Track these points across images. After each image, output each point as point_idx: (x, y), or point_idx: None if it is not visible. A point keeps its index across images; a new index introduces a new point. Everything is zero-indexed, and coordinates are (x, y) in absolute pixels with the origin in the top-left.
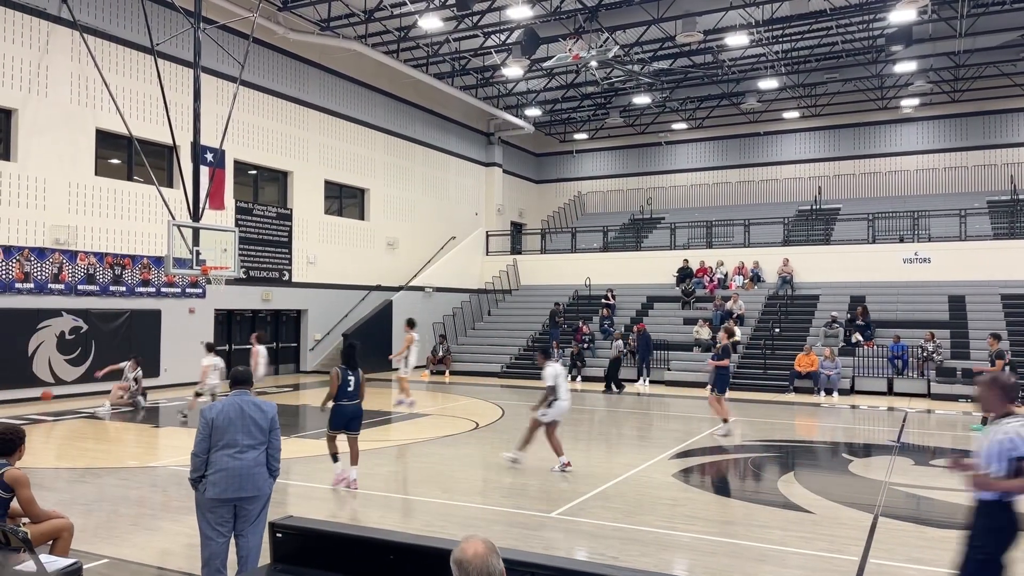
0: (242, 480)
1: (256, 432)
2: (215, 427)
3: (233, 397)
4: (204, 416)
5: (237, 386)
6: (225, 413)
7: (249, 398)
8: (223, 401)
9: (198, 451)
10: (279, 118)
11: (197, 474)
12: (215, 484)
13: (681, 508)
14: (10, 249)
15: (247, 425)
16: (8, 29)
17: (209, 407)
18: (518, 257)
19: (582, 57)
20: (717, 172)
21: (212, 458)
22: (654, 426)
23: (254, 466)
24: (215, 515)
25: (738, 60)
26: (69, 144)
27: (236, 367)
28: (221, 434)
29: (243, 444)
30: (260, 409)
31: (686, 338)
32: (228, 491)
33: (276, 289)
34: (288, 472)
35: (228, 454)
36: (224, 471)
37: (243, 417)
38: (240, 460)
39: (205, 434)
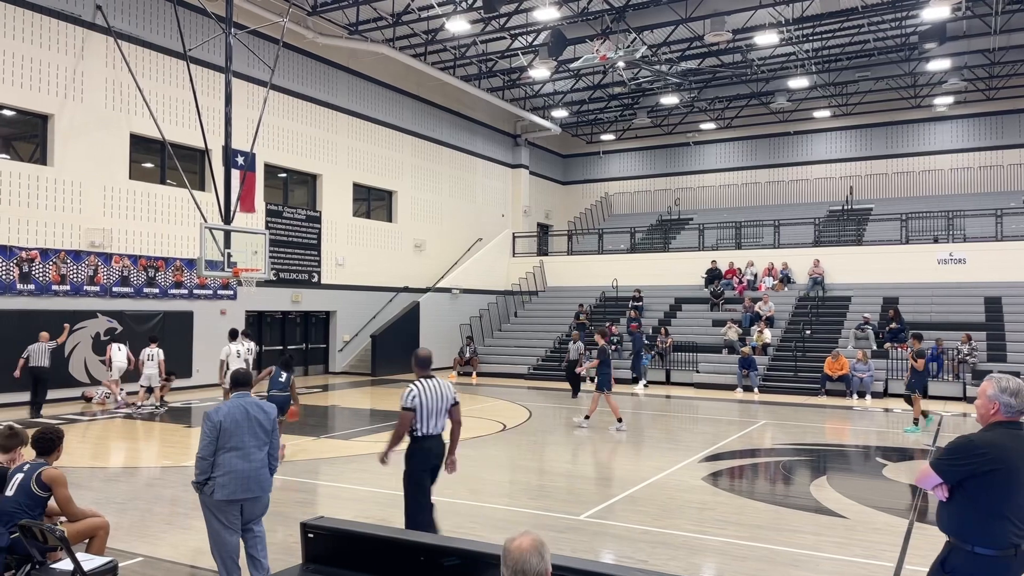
0: (250, 481)
1: (261, 433)
2: (223, 430)
3: (236, 399)
4: (210, 419)
5: (237, 388)
6: (231, 416)
7: (251, 400)
8: (228, 404)
9: (205, 454)
10: (308, 121)
11: (203, 476)
12: (224, 486)
13: (711, 512)
14: (47, 252)
15: (253, 427)
16: (45, 36)
17: (215, 410)
18: (545, 258)
19: (609, 58)
20: (746, 172)
21: (219, 460)
22: (683, 429)
23: (260, 467)
24: (225, 515)
25: (767, 59)
26: (104, 148)
27: (236, 369)
28: (228, 437)
29: (250, 446)
30: (263, 411)
31: (715, 340)
32: (237, 492)
33: (305, 291)
34: (317, 473)
35: (236, 456)
36: (233, 473)
37: (248, 419)
38: (249, 462)
39: (212, 437)
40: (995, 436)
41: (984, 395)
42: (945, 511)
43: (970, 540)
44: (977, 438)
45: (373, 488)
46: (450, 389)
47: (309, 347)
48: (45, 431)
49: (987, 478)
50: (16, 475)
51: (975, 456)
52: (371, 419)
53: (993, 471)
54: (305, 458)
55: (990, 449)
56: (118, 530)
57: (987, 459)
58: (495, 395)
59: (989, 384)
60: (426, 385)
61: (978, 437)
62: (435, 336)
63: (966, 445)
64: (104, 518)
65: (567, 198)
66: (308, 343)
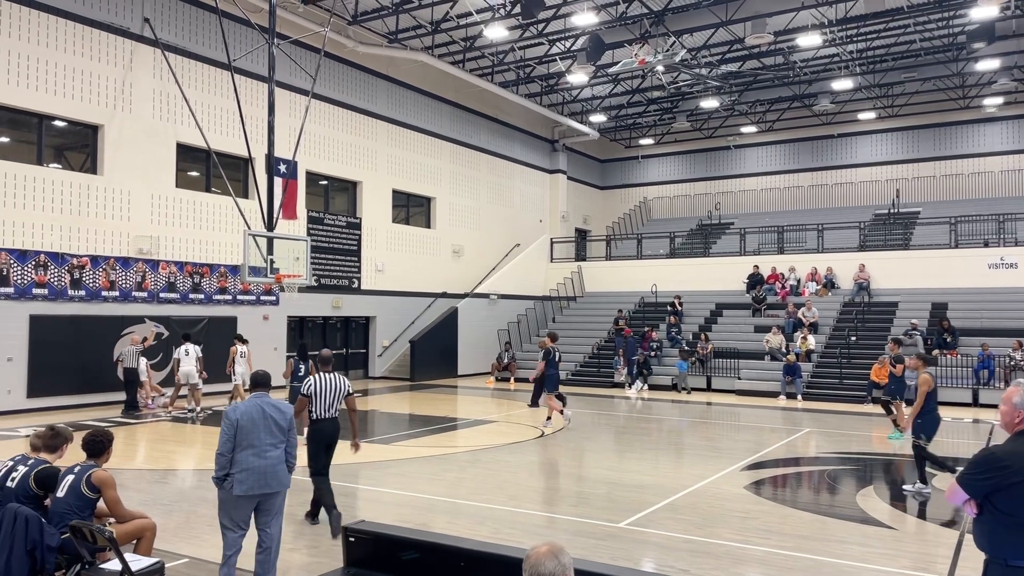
0: (267, 477)
1: (277, 431)
2: (239, 428)
3: (253, 399)
4: (228, 418)
5: (256, 388)
6: (248, 415)
7: (268, 400)
8: (245, 403)
9: (223, 451)
10: (349, 129)
11: (223, 472)
12: (242, 482)
13: (754, 521)
14: (97, 259)
15: (269, 426)
16: (95, 48)
17: (232, 409)
18: (583, 264)
19: (648, 62)
20: (788, 176)
21: (237, 457)
22: (724, 436)
23: (276, 464)
24: (239, 511)
25: (810, 61)
26: (151, 158)
27: (256, 370)
28: (245, 435)
29: (266, 444)
30: (279, 410)
31: (757, 346)
32: (254, 488)
33: (346, 296)
34: (357, 476)
35: (252, 453)
36: (249, 470)
37: (264, 418)
38: (265, 459)
39: (230, 435)
40: (1018, 446)
41: (1009, 402)
42: (977, 526)
43: (1002, 553)
44: (999, 450)
45: (413, 493)
46: (345, 383)
47: (349, 352)
48: (95, 434)
49: (1013, 490)
50: (67, 477)
51: (998, 469)
52: (410, 424)
53: (1019, 483)
54: (345, 462)
55: (1014, 460)
56: (164, 531)
57: (1011, 471)
58: None
59: (1015, 391)
60: (323, 378)
61: (1000, 449)
62: (473, 341)
63: (989, 458)
64: (151, 519)
65: (605, 203)
66: (348, 348)
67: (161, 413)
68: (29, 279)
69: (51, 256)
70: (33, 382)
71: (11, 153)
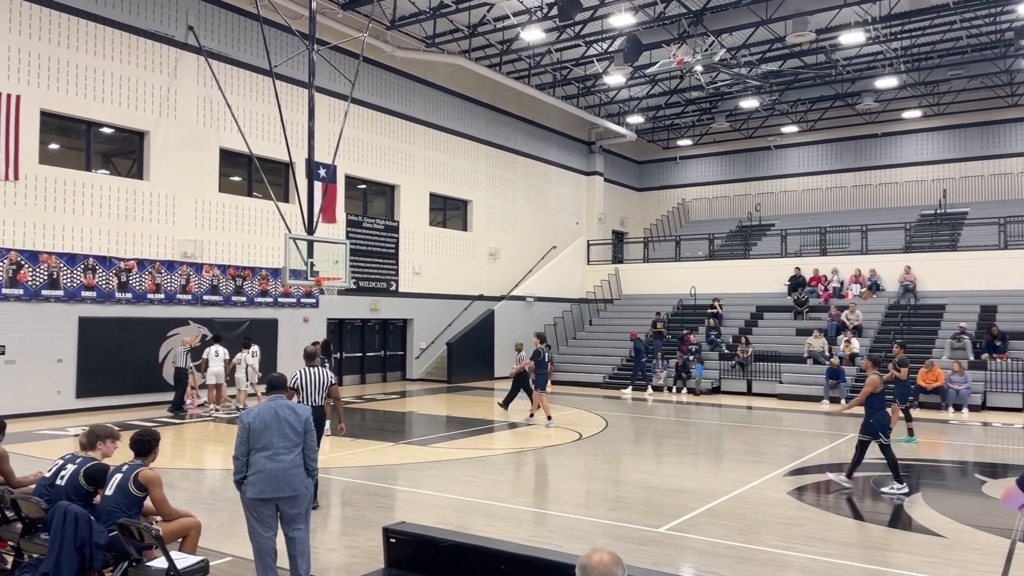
0: (279, 481)
1: (291, 434)
2: (251, 431)
3: (268, 402)
4: (242, 421)
5: (272, 391)
6: (261, 417)
7: (283, 402)
8: (260, 406)
9: (237, 454)
10: (387, 133)
11: (239, 476)
12: (254, 485)
13: (797, 527)
14: (143, 262)
15: (282, 428)
16: (141, 56)
17: (246, 412)
18: (620, 266)
19: (686, 62)
20: (831, 176)
21: (251, 460)
22: (765, 441)
23: (290, 467)
24: (258, 513)
25: (853, 59)
26: (195, 163)
27: (271, 373)
28: (257, 437)
29: (278, 447)
30: (294, 412)
31: (798, 349)
32: (266, 491)
33: (384, 299)
34: (395, 478)
35: (265, 456)
36: (262, 472)
37: (278, 420)
38: (277, 462)
39: (243, 437)
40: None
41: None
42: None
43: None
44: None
45: (452, 495)
46: (328, 375)
47: (387, 354)
48: (142, 433)
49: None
50: (115, 475)
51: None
52: (447, 426)
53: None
54: (384, 463)
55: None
56: (208, 530)
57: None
58: (570, 403)
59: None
60: (308, 371)
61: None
62: (509, 344)
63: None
64: (196, 518)
65: (643, 205)
66: (386, 350)
67: (203, 413)
68: (78, 282)
69: (99, 260)
70: (82, 383)
71: (61, 159)
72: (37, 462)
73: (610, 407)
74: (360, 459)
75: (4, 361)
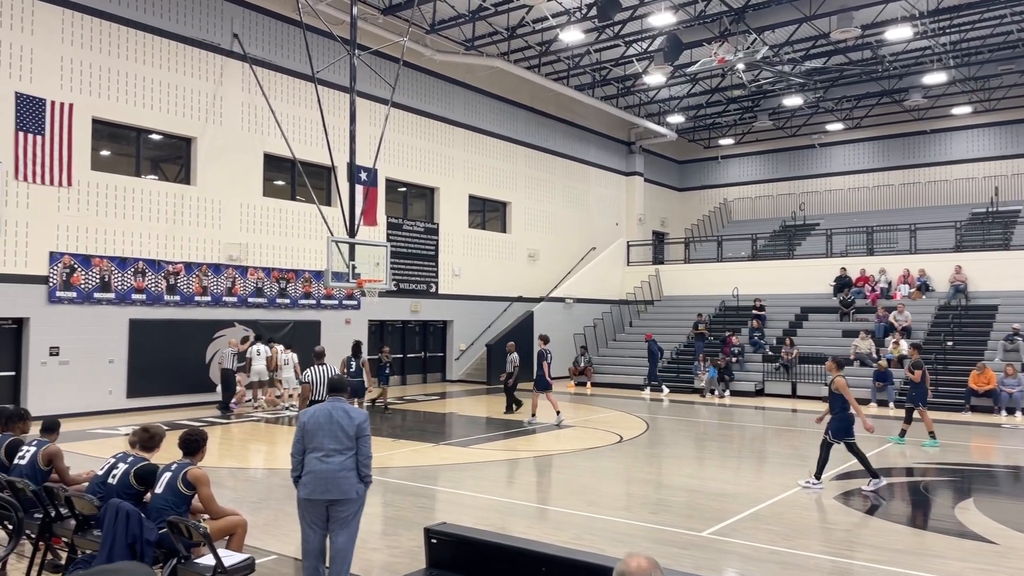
0: (328, 483)
1: (343, 437)
2: (306, 431)
3: (326, 403)
4: (299, 420)
5: (332, 393)
6: (315, 418)
7: (340, 404)
8: (316, 406)
9: (293, 451)
10: (427, 136)
11: (295, 474)
12: (305, 485)
13: (844, 533)
14: (191, 265)
15: (334, 430)
16: (189, 64)
17: (303, 411)
18: (660, 267)
19: (728, 60)
20: (878, 174)
21: (304, 460)
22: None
23: (340, 470)
24: (309, 514)
25: (900, 55)
26: (240, 168)
27: (333, 375)
28: (311, 438)
29: (329, 448)
30: (348, 416)
31: (844, 351)
32: (315, 492)
33: (424, 301)
34: (436, 479)
35: (316, 457)
36: (312, 473)
37: (331, 422)
38: (327, 464)
39: (298, 436)
40: None
41: None
42: None
43: None
44: None
45: (492, 496)
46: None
47: (427, 355)
48: (191, 433)
49: None
50: (164, 474)
51: None
52: (487, 427)
53: None
54: (425, 463)
55: None
56: (253, 528)
57: None
58: (610, 406)
59: None
60: (317, 369)
61: None
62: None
63: None
64: (242, 516)
65: (684, 205)
66: (426, 351)
67: (251, 411)
68: (129, 285)
69: (149, 263)
70: (132, 383)
71: (112, 166)
72: (90, 460)
73: (650, 409)
74: (401, 460)
75: (58, 362)
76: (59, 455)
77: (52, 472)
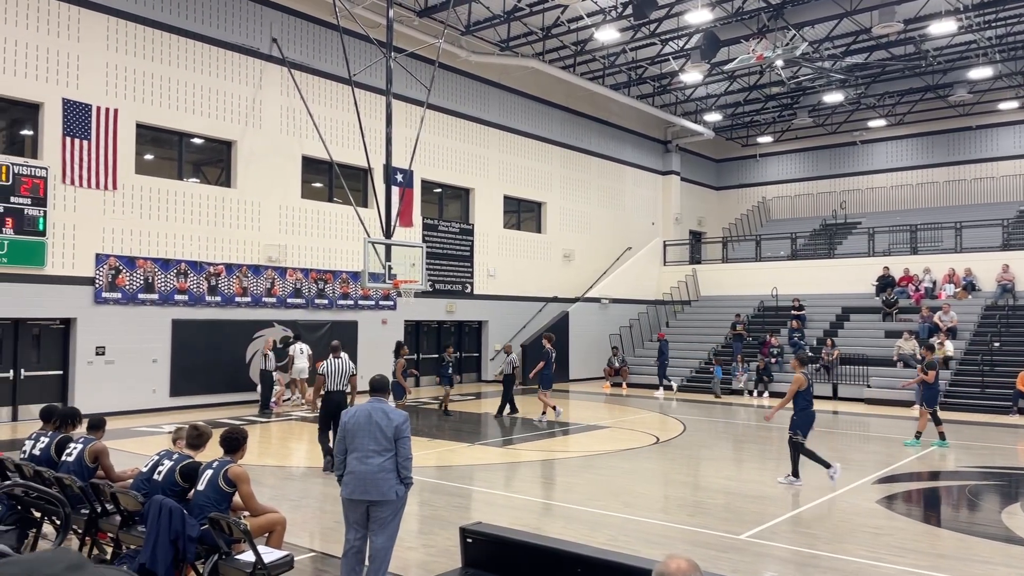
0: (367, 484)
1: (381, 439)
2: (346, 431)
3: (366, 403)
4: (341, 420)
5: (373, 394)
6: (355, 419)
7: (380, 405)
8: (357, 407)
9: (337, 451)
10: (462, 138)
11: (337, 472)
12: (346, 485)
13: (887, 538)
14: (231, 267)
15: (373, 431)
16: (229, 69)
17: (345, 411)
18: (698, 267)
19: (766, 57)
20: (922, 171)
21: (346, 460)
22: (852, 447)
23: (379, 472)
24: (351, 513)
25: (944, 49)
26: (279, 170)
27: (374, 375)
28: (352, 438)
29: (368, 449)
30: (387, 417)
31: (887, 352)
32: (355, 493)
33: (459, 301)
34: (472, 478)
35: (356, 458)
36: (352, 474)
37: (370, 423)
38: (366, 465)
39: (340, 436)
40: None
41: None
42: None
43: None
44: None
45: (528, 496)
46: (350, 366)
47: (463, 355)
48: (231, 432)
49: None
50: (206, 471)
51: None
52: (522, 427)
53: None
54: (460, 463)
55: None
56: (292, 526)
57: None
58: (647, 407)
59: None
60: (332, 362)
61: None
62: (584, 346)
63: None
64: (282, 514)
65: (721, 204)
66: (462, 351)
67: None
68: (172, 286)
69: (191, 264)
70: (175, 382)
71: (155, 169)
72: (134, 458)
73: (687, 411)
74: (437, 459)
75: (104, 361)
76: (105, 452)
77: (98, 469)
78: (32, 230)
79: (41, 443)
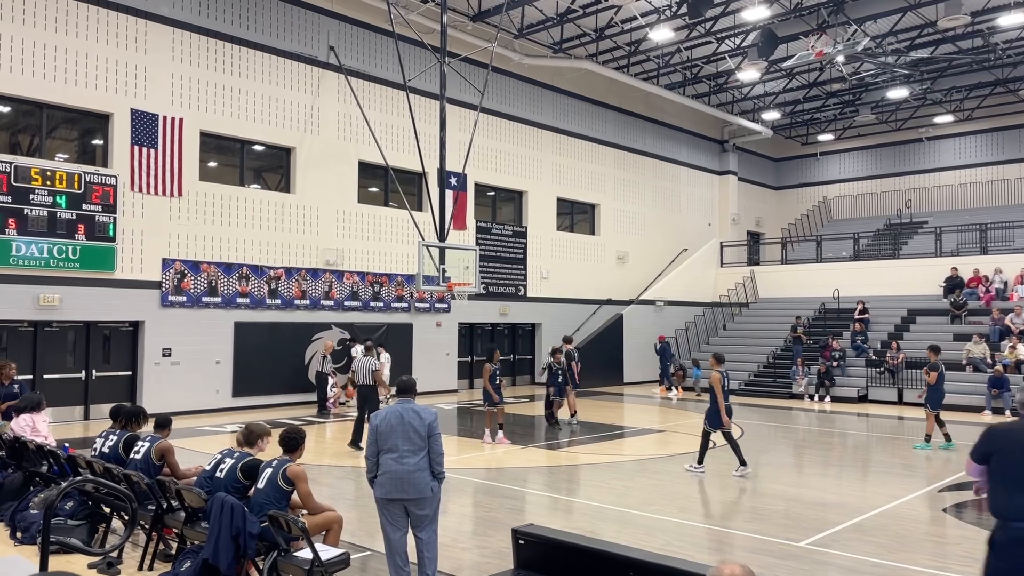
0: (404, 483)
1: (415, 438)
2: (379, 433)
3: (396, 405)
4: (371, 423)
5: (402, 395)
6: (387, 420)
7: (410, 406)
8: (387, 409)
9: (368, 453)
10: (515, 141)
11: (370, 475)
12: (381, 485)
13: (955, 547)
14: (290, 271)
15: (407, 431)
16: (289, 78)
17: (375, 413)
18: (756, 268)
19: (827, 53)
20: (991, 168)
21: (380, 461)
22: (919, 454)
23: (415, 470)
24: (388, 512)
25: (1014, 42)
26: (336, 176)
27: (401, 377)
28: (384, 439)
29: (403, 449)
30: (419, 416)
31: (956, 356)
32: (392, 492)
33: (512, 304)
34: (525, 480)
35: (391, 458)
36: (388, 474)
37: (403, 424)
38: (402, 465)
39: (372, 439)
40: None
41: None
42: None
43: None
44: None
45: (581, 499)
46: (373, 363)
47: (516, 358)
48: (290, 431)
49: None
50: (266, 470)
51: None
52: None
53: None
54: (514, 465)
55: None
56: (349, 525)
57: None
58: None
59: None
60: (360, 359)
61: None
62: (638, 349)
63: None
64: (339, 513)
65: (780, 204)
66: (515, 354)
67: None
68: (234, 289)
69: (252, 268)
70: (237, 383)
71: (218, 176)
72: (198, 456)
73: (746, 415)
74: (490, 461)
75: (170, 363)
76: (171, 450)
77: (164, 466)
78: (103, 236)
79: (110, 441)
